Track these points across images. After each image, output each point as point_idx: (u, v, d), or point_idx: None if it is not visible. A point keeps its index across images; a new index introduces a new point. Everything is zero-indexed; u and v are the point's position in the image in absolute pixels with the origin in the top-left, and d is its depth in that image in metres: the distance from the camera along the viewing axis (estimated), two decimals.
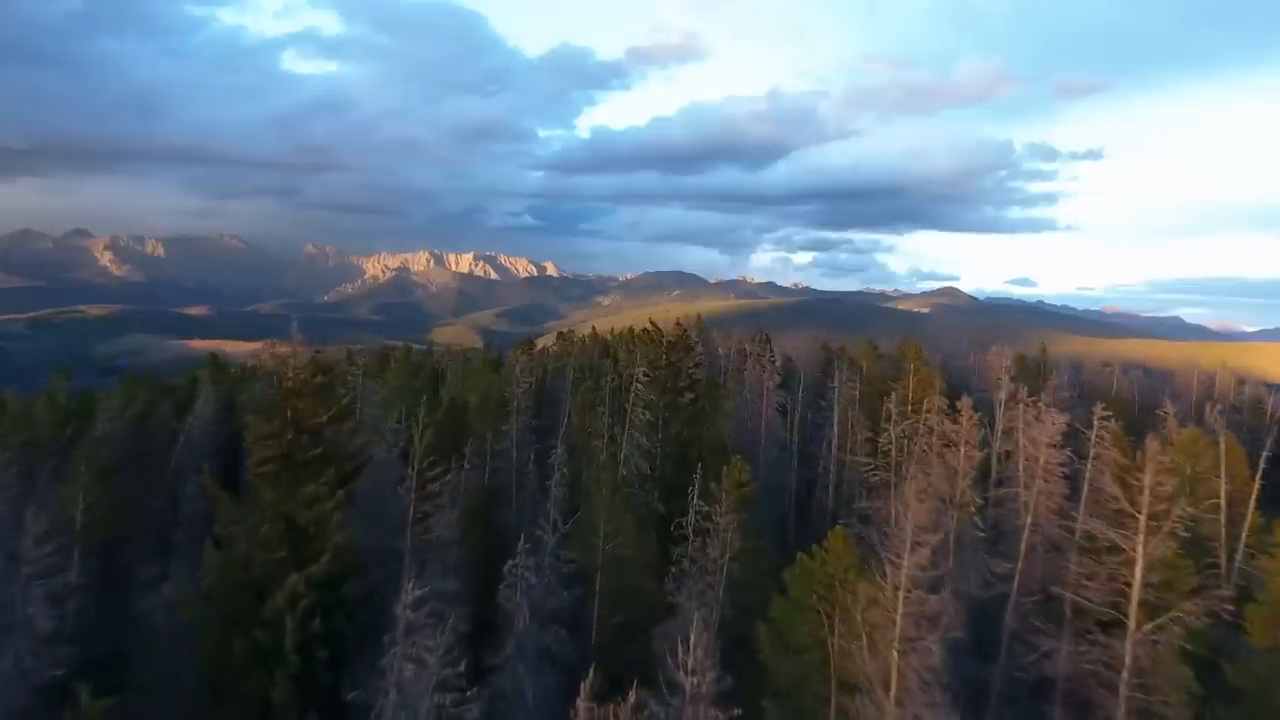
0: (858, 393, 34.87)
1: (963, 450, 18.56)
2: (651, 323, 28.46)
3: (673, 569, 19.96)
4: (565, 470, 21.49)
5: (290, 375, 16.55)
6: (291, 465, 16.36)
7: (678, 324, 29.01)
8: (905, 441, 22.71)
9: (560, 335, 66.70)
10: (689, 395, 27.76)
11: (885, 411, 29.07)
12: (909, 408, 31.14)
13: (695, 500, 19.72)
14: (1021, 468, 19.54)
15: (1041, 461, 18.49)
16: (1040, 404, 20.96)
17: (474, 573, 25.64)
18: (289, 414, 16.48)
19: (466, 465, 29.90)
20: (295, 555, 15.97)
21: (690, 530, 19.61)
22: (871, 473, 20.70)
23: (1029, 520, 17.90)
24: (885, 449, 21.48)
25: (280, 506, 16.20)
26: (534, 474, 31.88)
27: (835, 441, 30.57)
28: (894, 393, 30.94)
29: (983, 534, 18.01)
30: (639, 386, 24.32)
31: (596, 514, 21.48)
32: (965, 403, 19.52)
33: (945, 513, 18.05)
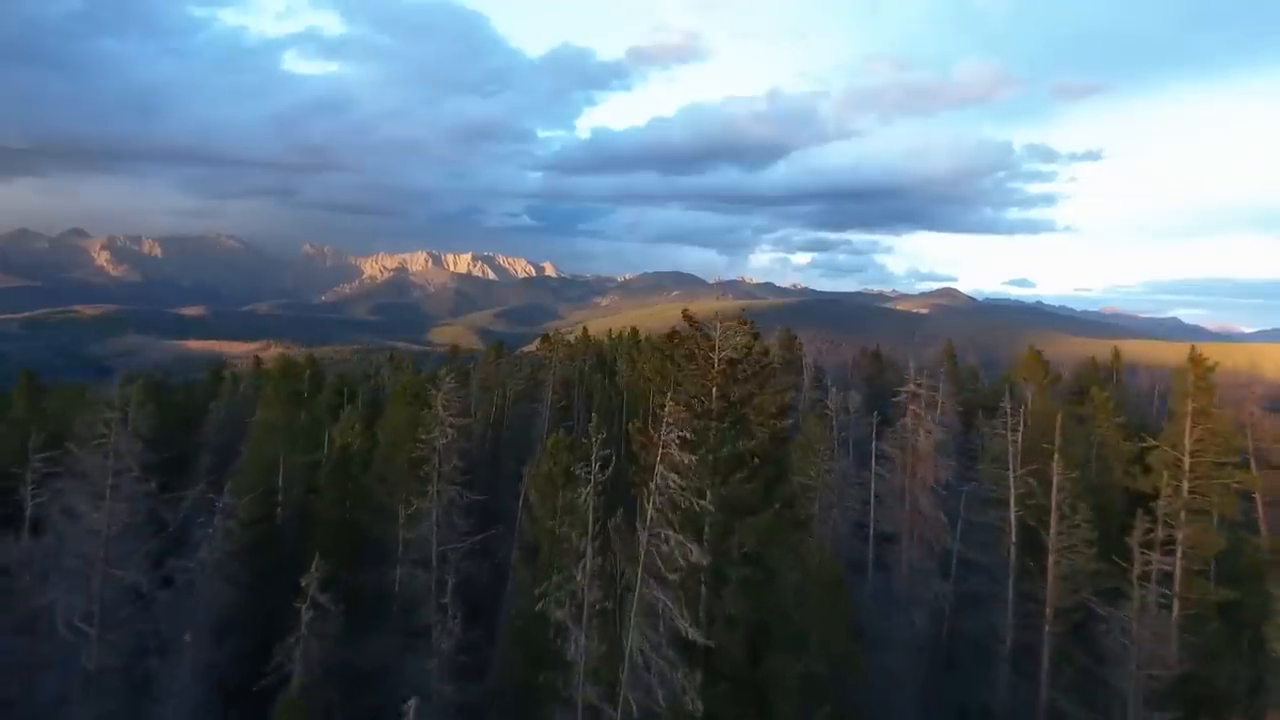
0: (1014, 444, 19.46)
1: None
2: (687, 318, 13.49)
3: None
4: None
5: None
6: None
7: (742, 321, 13.79)
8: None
9: (545, 338, 51.61)
10: (766, 476, 12.64)
11: (1167, 498, 13.98)
12: (1183, 484, 15.88)
13: None
14: None
15: None
16: None
17: None
18: None
19: (303, 605, 14.75)
20: None
21: None
22: None
23: None
24: None
25: None
26: (454, 613, 16.76)
27: (1051, 569, 15.11)
28: (1152, 453, 15.65)
29: None
30: (670, 477, 9.37)
31: None
32: None
33: None
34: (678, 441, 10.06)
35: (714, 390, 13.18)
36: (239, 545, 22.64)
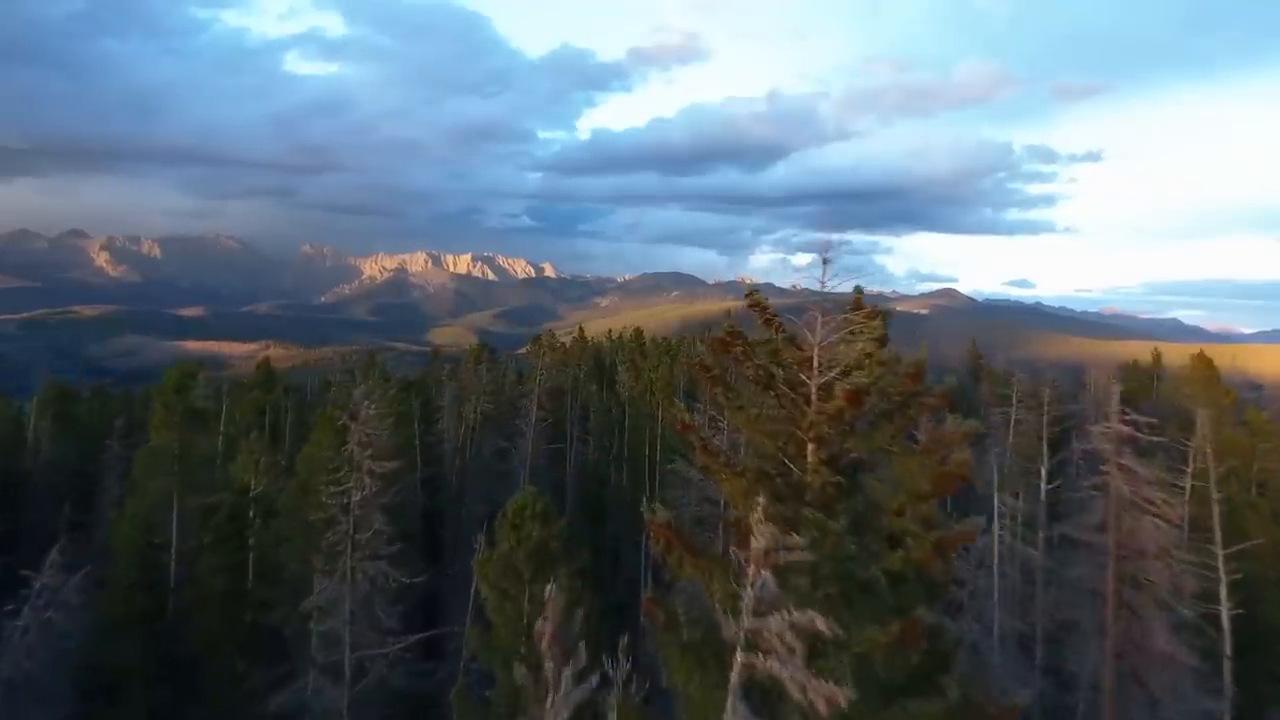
0: (1219, 503, 12.92)
1: None
2: (758, 305, 7.44)
3: None
4: None
5: None
6: None
7: (869, 313, 7.50)
8: None
9: (536, 341, 45.19)
10: (922, 617, 6.33)
11: None
12: None
13: None
14: None
15: None
16: None
17: None
18: None
19: None
20: None
21: None
22: None
23: None
24: None
25: None
26: None
27: None
28: None
29: None
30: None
31: None
32: None
33: None
34: (791, 630, 3.53)
35: (812, 447, 6.59)
36: (97, 628, 16.22)
